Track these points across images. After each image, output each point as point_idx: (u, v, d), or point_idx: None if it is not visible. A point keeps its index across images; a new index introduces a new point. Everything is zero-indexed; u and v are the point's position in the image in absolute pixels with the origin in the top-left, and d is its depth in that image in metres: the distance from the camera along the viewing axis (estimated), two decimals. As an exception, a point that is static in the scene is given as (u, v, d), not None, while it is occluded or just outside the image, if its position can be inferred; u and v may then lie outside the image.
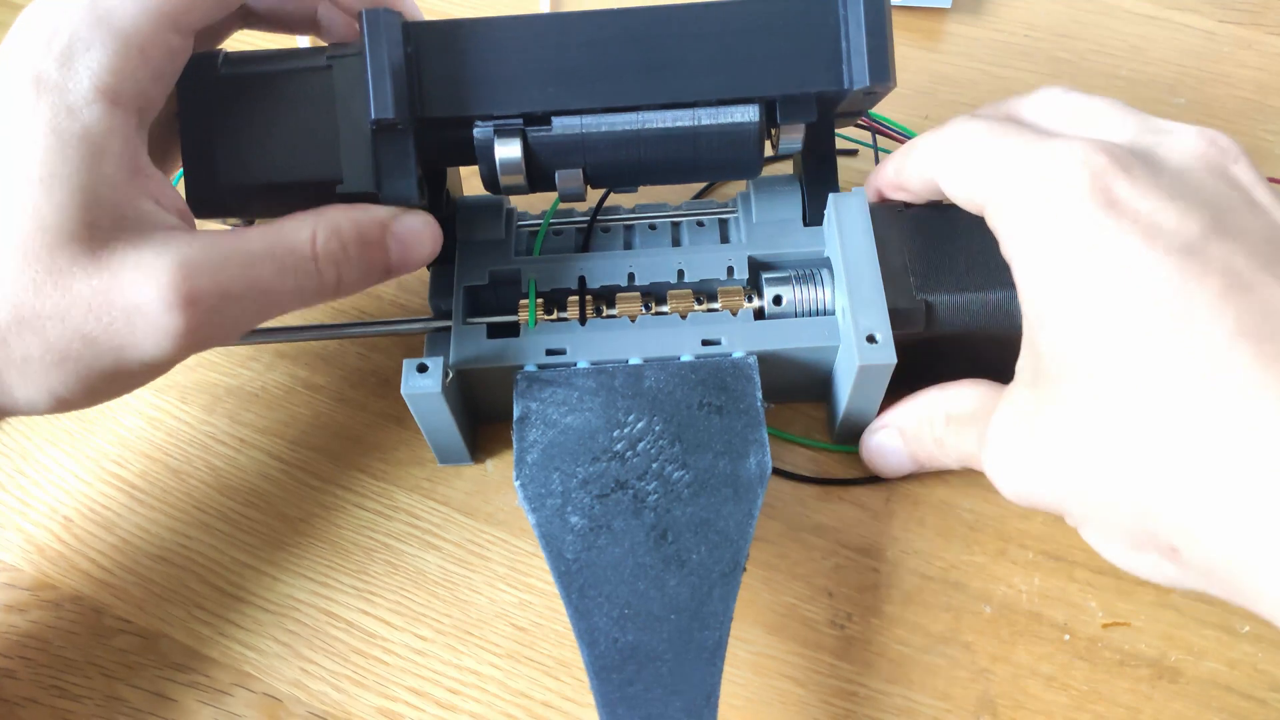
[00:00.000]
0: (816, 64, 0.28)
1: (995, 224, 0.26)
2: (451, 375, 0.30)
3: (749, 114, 0.29)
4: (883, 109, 0.44)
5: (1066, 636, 0.30)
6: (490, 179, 0.30)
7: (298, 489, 0.34)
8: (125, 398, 0.36)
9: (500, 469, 0.34)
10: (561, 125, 0.29)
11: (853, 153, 0.42)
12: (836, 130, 0.34)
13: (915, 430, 0.31)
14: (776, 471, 0.34)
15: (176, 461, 0.35)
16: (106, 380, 0.25)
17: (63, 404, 0.25)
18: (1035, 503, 0.26)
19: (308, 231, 0.27)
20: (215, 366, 0.37)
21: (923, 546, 0.32)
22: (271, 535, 0.33)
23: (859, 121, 0.39)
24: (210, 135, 0.29)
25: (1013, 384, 0.27)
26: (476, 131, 0.29)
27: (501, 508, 0.34)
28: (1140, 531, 0.22)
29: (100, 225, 0.24)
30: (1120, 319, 0.22)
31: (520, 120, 0.29)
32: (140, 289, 0.24)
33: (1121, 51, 0.46)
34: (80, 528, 0.34)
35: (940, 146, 0.28)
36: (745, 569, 0.27)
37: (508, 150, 0.29)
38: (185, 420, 0.36)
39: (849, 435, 0.34)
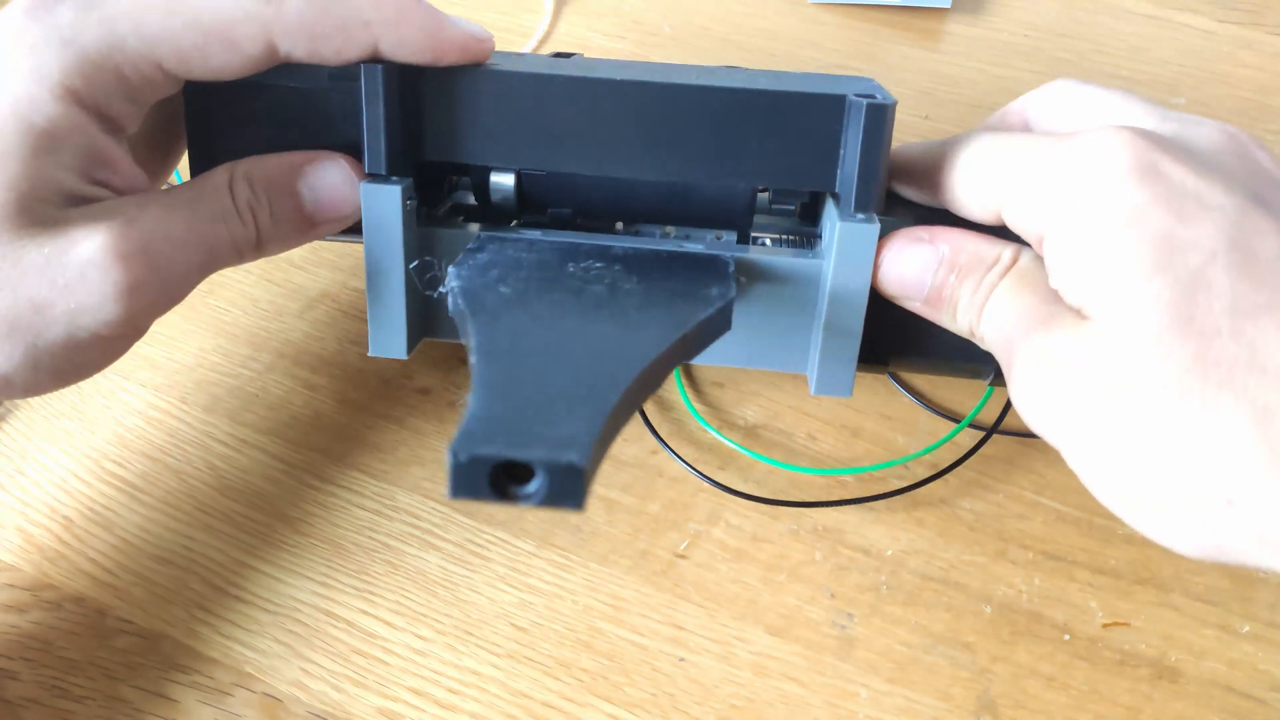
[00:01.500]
0: (812, 165, 0.28)
1: (1019, 218, 0.25)
2: (415, 203, 0.29)
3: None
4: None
5: (1067, 636, 0.31)
6: (483, 201, 0.30)
7: (298, 489, 0.34)
8: (125, 398, 0.36)
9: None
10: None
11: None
12: None
13: (968, 262, 0.26)
14: (776, 503, 0.34)
15: (177, 462, 0.35)
16: (52, 355, 0.25)
17: (4, 383, 0.25)
18: (1051, 438, 0.24)
19: (225, 176, 0.27)
20: (215, 367, 0.37)
21: (923, 547, 0.32)
22: (272, 535, 0.33)
23: None
24: (213, 133, 0.29)
25: (1059, 323, 0.24)
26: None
27: (502, 507, 0.34)
28: (1184, 490, 0.22)
29: (52, 204, 0.24)
30: (1179, 280, 0.22)
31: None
32: (86, 249, 0.24)
33: (1121, 51, 0.46)
34: (80, 528, 0.34)
35: (942, 162, 0.27)
36: (686, 342, 0.24)
37: (502, 180, 0.30)
38: (185, 420, 0.36)
39: (831, 370, 0.30)
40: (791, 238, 0.31)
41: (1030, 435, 0.34)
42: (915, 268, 0.27)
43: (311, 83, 0.28)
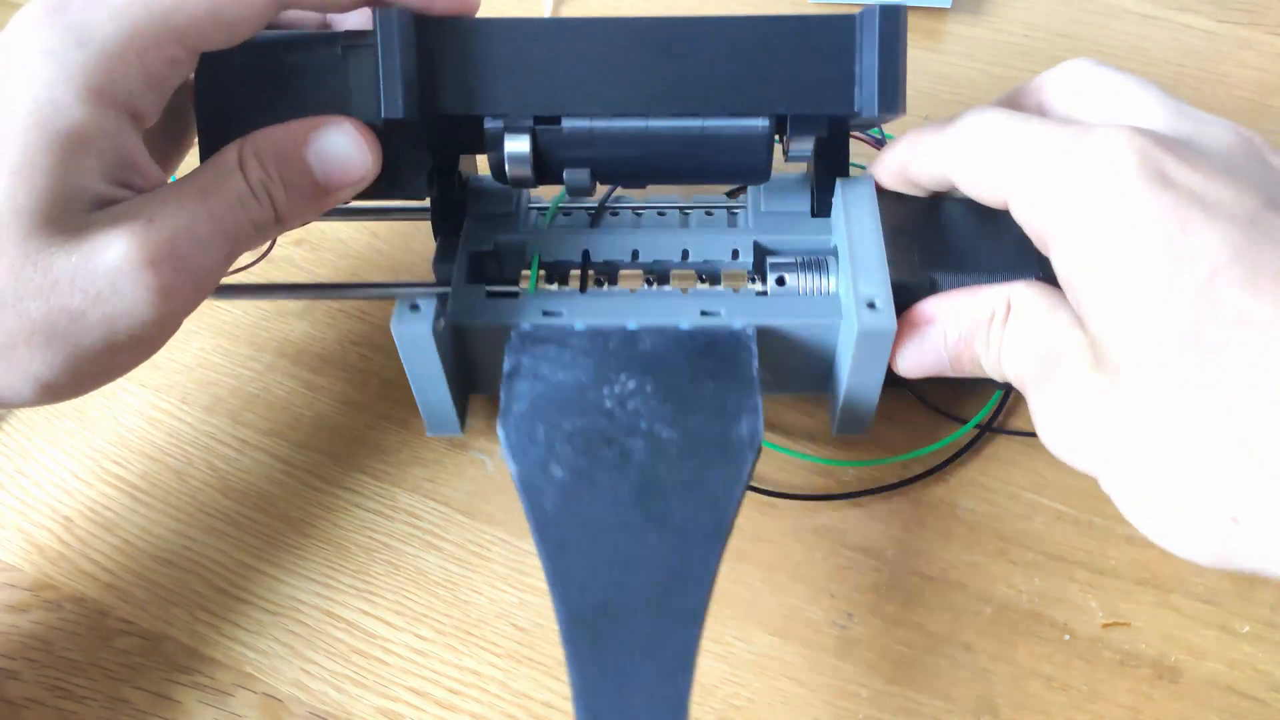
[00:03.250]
0: (828, 86, 0.28)
1: (1025, 213, 0.25)
2: (444, 323, 0.30)
3: (759, 121, 0.29)
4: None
5: (1067, 636, 0.31)
6: (499, 170, 0.30)
7: (299, 490, 0.34)
8: (126, 398, 0.36)
9: (501, 468, 0.35)
10: (571, 124, 0.29)
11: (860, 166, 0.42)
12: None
13: (970, 328, 0.28)
14: (777, 494, 0.34)
15: (178, 462, 0.35)
16: (92, 359, 0.25)
17: (48, 390, 0.25)
18: (1080, 468, 0.25)
19: (234, 157, 0.27)
20: (216, 367, 0.37)
21: (923, 547, 0.32)
22: (273, 536, 0.33)
23: (862, 139, 0.39)
24: (224, 118, 0.29)
25: (1073, 349, 0.25)
26: (487, 124, 0.29)
27: (501, 507, 0.34)
28: (1194, 506, 0.22)
29: (79, 211, 0.24)
30: (1184, 291, 0.21)
31: (531, 118, 0.29)
32: (113, 256, 0.24)
33: (1121, 51, 0.46)
34: (81, 528, 0.34)
35: (954, 140, 0.27)
36: (730, 533, 0.26)
37: (517, 145, 0.29)
38: (186, 421, 0.36)
39: (851, 422, 0.33)
40: (808, 258, 0.32)
41: (1029, 434, 0.34)
42: (930, 356, 0.29)
43: (324, 54, 0.28)
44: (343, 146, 0.28)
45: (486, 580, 0.32)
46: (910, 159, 0.29)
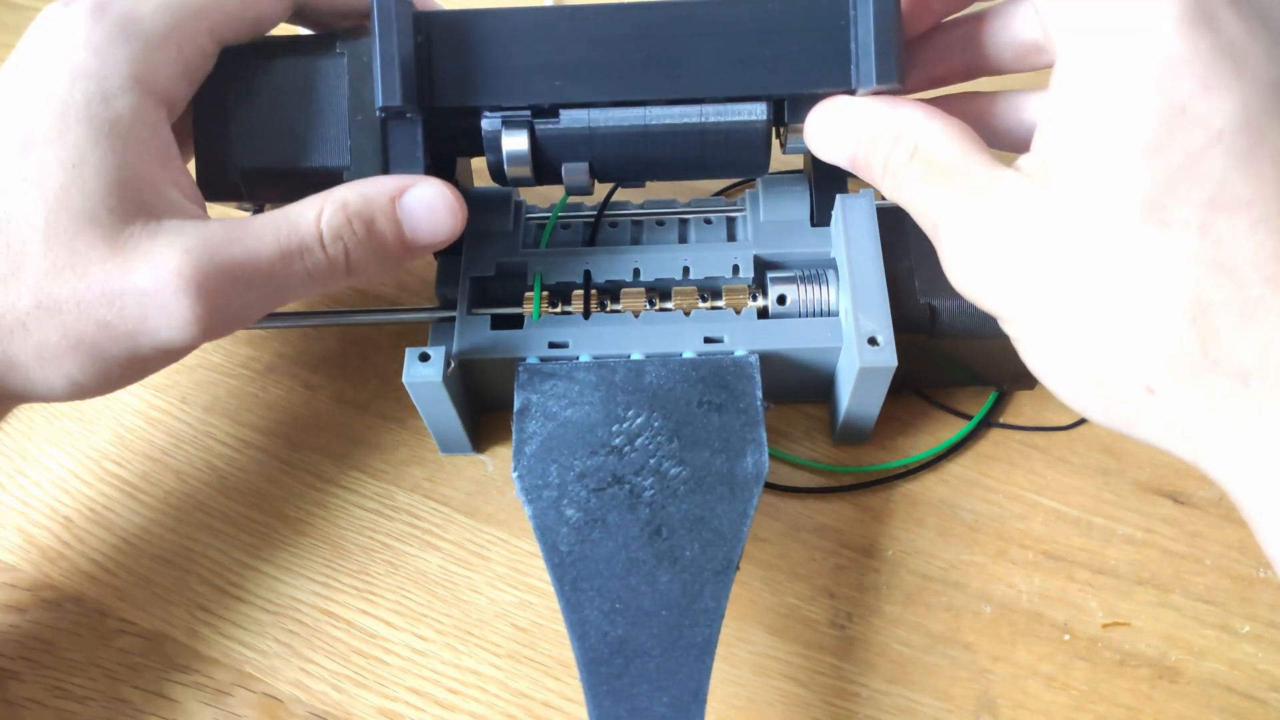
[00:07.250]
0: (825, 64, 0.28)
1: (1049, 16, 0.23)
2: (454, 365, 0.30)
3: (757, 112, 0.29)
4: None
5: (1067, 636, 0.31)
6: (497, 170, 0.30)
7: (299, 489, 0.34)
8: (126, 398, 0.36)
9: (501, 469, 0.34)
10: (569, 118, 0.29)
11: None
12: None
13: (869, 141, 0.26)
14: (774, 486, 0.34)
15: (177, 462, 0.35)
16: (122, 366, 0.25)
17: (80, 389, 0.26)
18: (988, 307, 0.24)
19: (314, 211, 0.26)
20: (216, 367, 0.37)
21: (923, 547, 0.32)
22: (272, 536, 0.33)
23: None
24: (223, 119, 0.29)
25: (1006, 180, 0.23)
26: (484, 123, 0.29)
27: (502, 508, 0.34)
28: (1109, 366, 0.21)
29: (122, 211, 0.25)
30: (1175, 153, 0.20)
31: (528, 112, 0.29)
32: (152, 276, 0.24)
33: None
34: (81, 528, 0.34)
35: None
36: (739, 568, 0.27)
37: (515, 142, 0.29)
38: (186, 421, 0.36)
39: (850, 435, 0.34)
40: (808, 272, 0.32)
41: (1029, 430, 0.34)
42: (828, 144, 0.28)
43: (319, 52, 0.29)
44: (433, 200, 0.27)
45: (486, 580, 0.32)
46: None
